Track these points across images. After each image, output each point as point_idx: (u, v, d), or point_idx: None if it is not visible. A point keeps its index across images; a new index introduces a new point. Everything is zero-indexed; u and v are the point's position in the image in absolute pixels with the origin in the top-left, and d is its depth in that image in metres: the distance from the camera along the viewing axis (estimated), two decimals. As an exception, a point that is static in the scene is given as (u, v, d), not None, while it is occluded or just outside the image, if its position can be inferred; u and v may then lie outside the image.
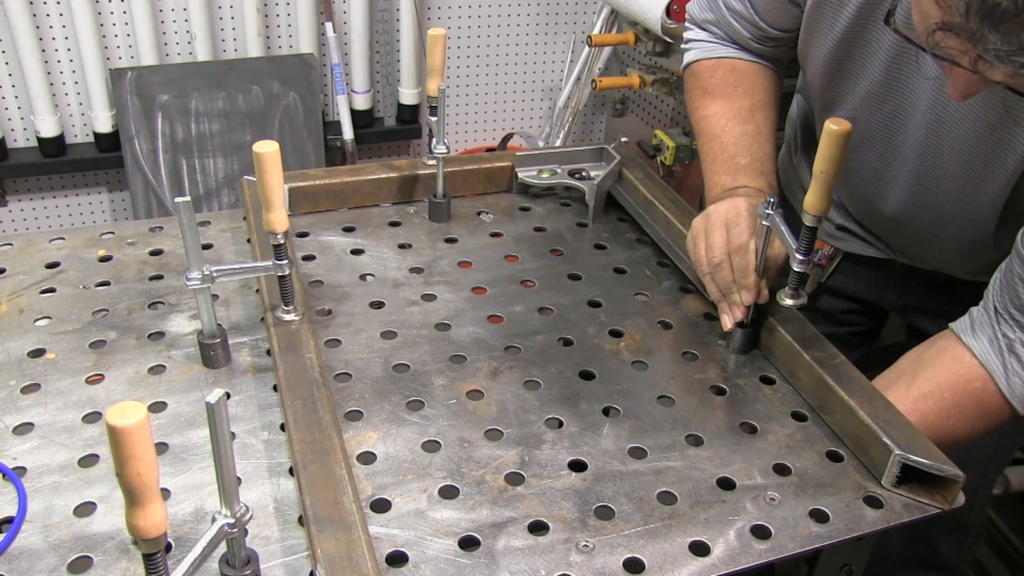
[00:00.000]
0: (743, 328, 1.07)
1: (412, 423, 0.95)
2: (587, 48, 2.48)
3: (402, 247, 1.26)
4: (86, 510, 0.83)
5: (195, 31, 2.33)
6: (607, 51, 2.58)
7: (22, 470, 0.87)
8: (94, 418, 0.94)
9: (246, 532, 0.74)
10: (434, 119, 1.25)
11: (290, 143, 2.42)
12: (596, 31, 2.48)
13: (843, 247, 1.36)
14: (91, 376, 0.99)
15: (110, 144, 2.38)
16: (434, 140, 1.27)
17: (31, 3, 2.19)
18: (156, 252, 1.22)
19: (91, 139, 2.41)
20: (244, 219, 1.28)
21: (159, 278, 1.16)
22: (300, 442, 0.86)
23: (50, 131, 2.31)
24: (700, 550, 0.83)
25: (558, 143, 2.60)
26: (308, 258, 1.22)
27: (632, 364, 1.06)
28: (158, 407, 0.96)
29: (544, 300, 1.17)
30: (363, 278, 1.19)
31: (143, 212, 2.36)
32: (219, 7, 2.38)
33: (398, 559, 0.80)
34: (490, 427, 0.95)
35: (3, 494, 0.84)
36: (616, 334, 1.11)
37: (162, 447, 0.90)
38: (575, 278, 1.22)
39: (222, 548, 0.74)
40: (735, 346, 1.09)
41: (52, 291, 1.12)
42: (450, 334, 1.09)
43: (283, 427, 0.92)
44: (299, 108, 2.43)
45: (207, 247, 1.22)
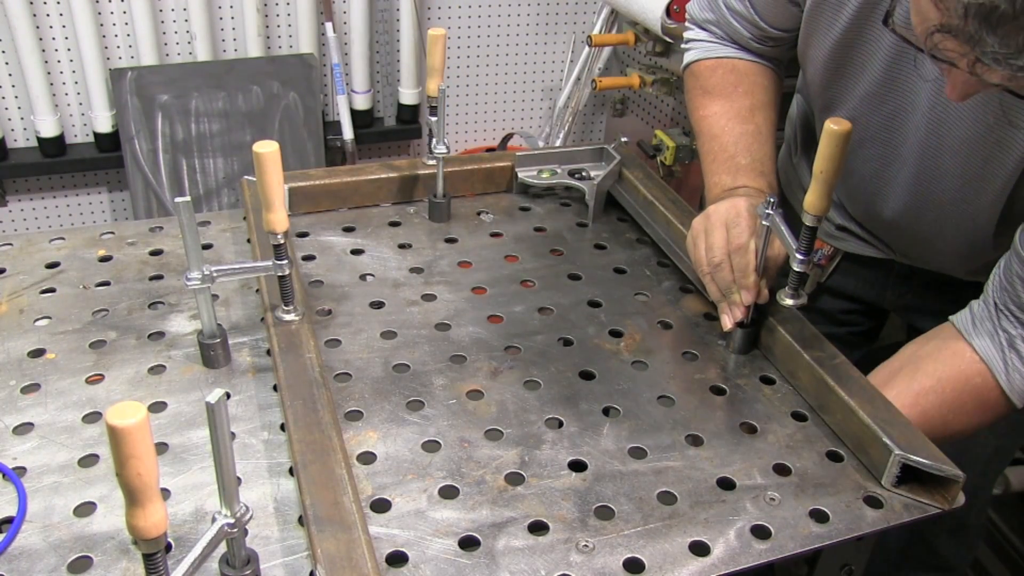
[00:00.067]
0: (743, 328, 1.07)
1: (412, 423, 0.95)
2: (587, 48, 2.47)
3: (402, 247, 1.26)
4: (86, 510, 0.83)
5: (195, 31, 2.33)
6: (607, 51, 2.58)
7: (22, 470, 0.87)
8: (94, 418, 0.94)
9: (246, 532, 0.74)
10: (434, 119, 1.25)
11: (290, 143, 2.42)
12: (596, 31, 2.48)
13: (843, 247, 1.36)
14: (91, 376, 0.99)
15: (110, 144, 2.38)
16: (434, 140, 1.27)
17: (31, 3, 2.19)
18: (156, 252, 1.22)
19: (91, 139, 2.41)
20: (244, 219, 1.28)
21: (159, 278, 1.16)
22: (300, 442, 0.86)
23: (50, 131, 2.31)
24: (700, 550, 0.83)
25: (558, 143, 2.60)
26: (308, 258, 1.22)
27: (632, 364, 1.06)
28: (158, 407, 0.96)
29: (544, 300, 1.17)
30: (363, 278, 1.19)
31: (143, 212, 2.36)
32: (219, 7, 2.38)
33: (398, 559, 0.80)
34: (490, 427, 0.95)
35: (3, 494, 0.84)
36: (616, 334, 1.11)
37: (162, 447, 0.90)
38: (575, 278, 1.22)
39: (222, 548, 0.74)
40: (735, 346, 1.09)
41: (52, 291, 1.12)
42: (450, 334, 1.09)
43: (283, 427, 0.92)
44: (299, 108, 2.43)
45: (207, 247, 1.22)
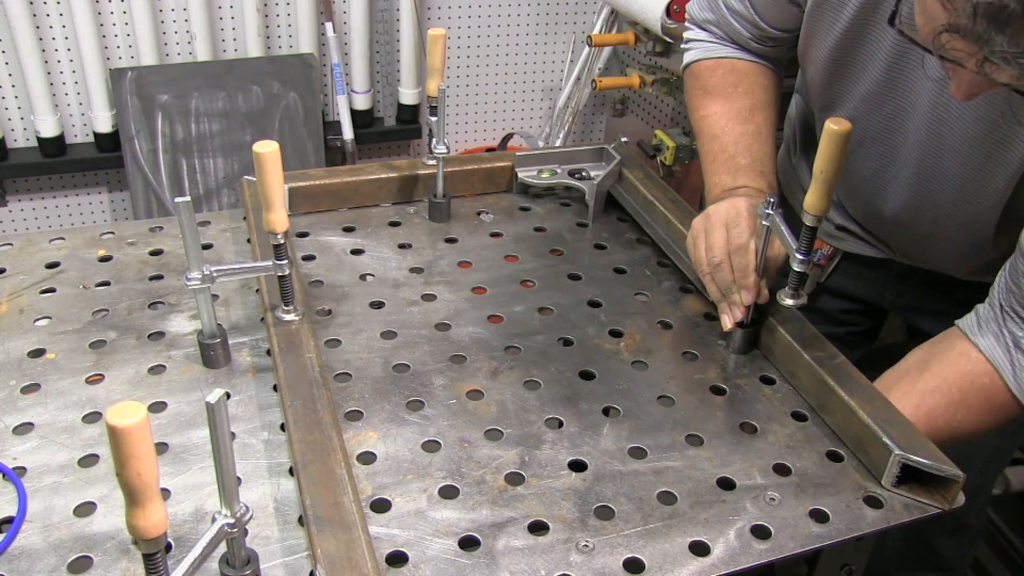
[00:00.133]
0: (743, 328, 1.07)
1: (412, 423, 0.95)
2: (587, 48, 2.47)
3: (402, 247, 1.26)
4: (86, 510, 0.83)
5: (195, 31, 2.33)
6: (607, 51, 2.58)
7: (22, 470, 0.87)
8: (94, 418, 0.94)
9: (246, 532, 0.74)
10: (434, 119, 1.25)
11: (290, 143, 2.42)
12: (596, 31, 2.48)
13: (843, 247, 1.36)
14: (91, 376, 0.99)
15: (110, 144, 2.38)
16: (434, 140, 1.27)
17: (31, 3, 2.19)
18: (156, 252, 1.22)
19: (91, 139, 2.41)
20: (244, 219, 1.28)
21: (159, 278, 1.16)
22: (300, 442, 0.86)
23: (50, 131, 2.32)
24: (700, 550, 0.83)
25: (558, 143, 2.60)
26: (308, 258, 1.22)
27: (632, 364, 1.06)
28: (158, 407, 0.96)
29: (544, 300, 1.17)
30: (363, 278, 1.19)
31: (143, 212, 2.36)
32: (219, 7, 2.38)
33: (398, 559, 0.80)
34: (490, 427, 0.95)
35: (3, 494, 0.84)
36: (616, 334, 1.11)
37: (162, 447, 0.90)
38: (575, 278, 1.22)
39: (222, 548, 0.74)
40: (735, 346, 1.09)
41: (52, 291, 1.12)
42: (450, 334, 1.09)
43: (283, 427, 0.92)
44: (299, 108, 2.43)
45: (207, 247, 1.22)
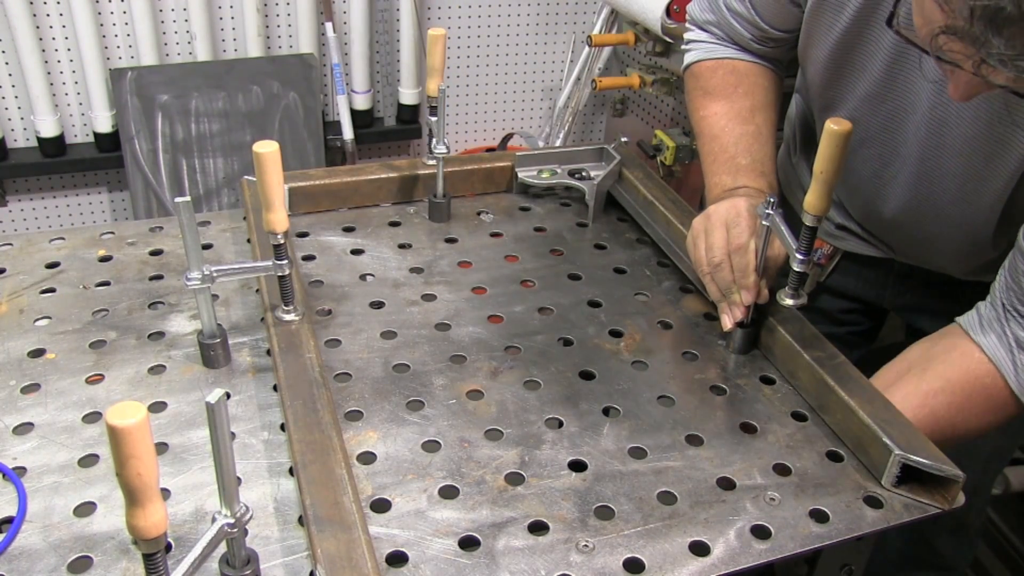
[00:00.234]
0: (743, 328, 1.07)
1: (412, 423, 0.95)
2: (587, 48, 2.47)
3: (402, 247, 1.26)
4: (86, 510, 0.83)
5: (195, 31, 2.33)
6: (607, 51, 2.58)
7: (22, 470, 0.87)
8: (94, 418, 0.94)
9: (246, 532, 0.74)
10: (434, 119, 1.25)
11: (290, 143, 2.42)
12: (596, 31, 2.48)
13: (842, 246, 1.36)
14: (91, 376, 0.99)
15: (110, 144, 2.38)
16: (434, 140, 1.27)
17: (31, 3, 2.19)
18: (156, 252, 1.22)
19: (91, 139, 2.41)
20: (244, 219, 1.28)
21: (159, 278, 1.16)
22: (300, 442, 0.86)
23: (50, 131, 2.32)
24: (700, 550, 0.83)
25: (558, 143, 2.60)
26: (308, 258, 1.22)
27: (632, 364, 1.06)
28: (158, 407, 0.96)
29: (544, 300, 1.17)
30: (363, 278, 1.19)
31: (143, 212, 2.36)
32: (219, 7, 2.38)
33: (398, 559, 0.80)
34: (490, 427, 0.95)
35: (3, 494, 0.84)
36: (616, 334, 1.11)
37: (162, 447, 0.90)
38: (575, 278, 1.22)
39: (222, 548, 0.74)
40: (735, 346, 1.09)
41: (52, 291, 1.12)
42: (450, 334, 1.09)
43: (283, 427, 0.92)
44: (299, 108, 2.43)
45: (207, 247, 1.22)
